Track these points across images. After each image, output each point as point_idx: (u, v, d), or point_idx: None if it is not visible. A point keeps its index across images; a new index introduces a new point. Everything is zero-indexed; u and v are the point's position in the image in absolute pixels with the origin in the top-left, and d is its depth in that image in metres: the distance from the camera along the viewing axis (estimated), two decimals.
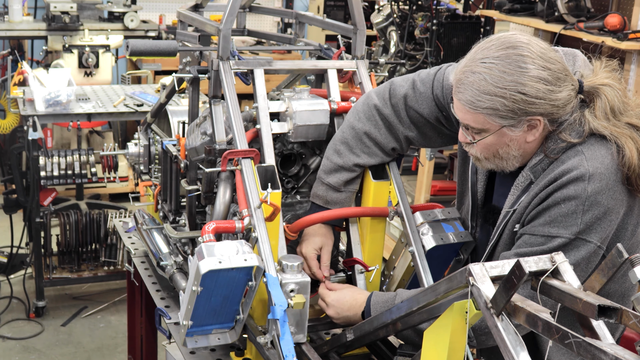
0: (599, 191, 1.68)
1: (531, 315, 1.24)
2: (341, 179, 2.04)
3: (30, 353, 4.09)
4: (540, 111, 1.66)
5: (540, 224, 1.73)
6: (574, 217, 1.68)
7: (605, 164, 1.70)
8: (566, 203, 1.69)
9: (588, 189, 1.67)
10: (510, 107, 1.65)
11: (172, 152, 2.33)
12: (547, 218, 1.71)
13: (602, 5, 4.28)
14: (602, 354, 1.12)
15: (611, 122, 1.72)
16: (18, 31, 5.23)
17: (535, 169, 1.77)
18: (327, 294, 2.01)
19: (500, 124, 1.69)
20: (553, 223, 1.70)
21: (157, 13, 6.56)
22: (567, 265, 1.31)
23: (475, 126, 1.73)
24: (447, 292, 1.45)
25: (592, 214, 1.68)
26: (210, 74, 2.09)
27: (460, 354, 1.44)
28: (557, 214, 1.70)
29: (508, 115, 1.66)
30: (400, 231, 2.15)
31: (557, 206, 1.70)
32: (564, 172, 1.70)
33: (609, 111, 1.72)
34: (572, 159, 1.71)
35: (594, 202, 1.68)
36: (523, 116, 1.67)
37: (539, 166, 1.76)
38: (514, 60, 1.64)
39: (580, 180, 1.68)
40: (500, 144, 1.74)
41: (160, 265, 2.26)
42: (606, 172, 1.69)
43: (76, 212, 4.45)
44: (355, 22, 2.23)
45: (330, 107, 2.11)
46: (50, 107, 4.08)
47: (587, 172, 1.68)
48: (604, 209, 1.69)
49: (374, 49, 4.77)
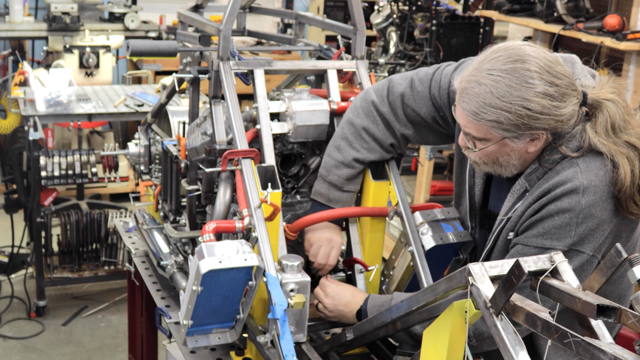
0: (592, 204, 1.67)
1: (530, 314, 1.25)
2: (342, 175, 2.05)
3: (31, 352, 4.09)
4: (544, 126, 1.66)
5: (534, 235, 1.72)
6: (568, 230, 1.68)
7: (600, 176, 1.69)
8: (560, 216, 1.68)
9: (582, 201, 1.67)
10: (514, 121, 1.64)
11: (173, 152, 2.33)
12: (540, 230, 1.71)
13: (601, 5, 4.28)
14: (601, 354, 1.12)
15: (611, 139, 1.71)
16: (19, 31, 5.23)
17: (530, 178, 1.77)
18: (328, 285, 2.04)
19: (502, 136, 1.69)
20: (546, 235, 1.70)
21: (158, 13, 6.56)
22: (566, 265, 1.31)
23: (477, 135, 1.73)
24: (446, 292, 1.45)
25: (585, 226, 1.68)
26: (211, 74, 2.10)
27: (460, 353, 1.44)
28: (550, 226, 1.69)
29: (512, 128, 1.66)
30: (400, 231, 2.15)
31: (551, 218, 1.69)
32: (558, 183, 1.70)
33: (609, 127, 1.71)
34: (566, 170, 1.71)
35: (587, 214, 1.67)
36: (526, 130, 1.67)
37: (533, 175, 1.76)
38: (521, 75, 1.63)
39: (575, 193, 1.67)
40: (501, 153, 1.75)
41: (161, 265, 2.26)
42: (600, 184, 1.68)
43: (77, 212, 4.46)
44: (355, 23, 2.23)
45: (330, 107, 2.11)
46: (51, 107, 4.09)
47: (582, 184, 1.67)
48: (597, 221, 1.68)
49: (373, 50, 4.78)
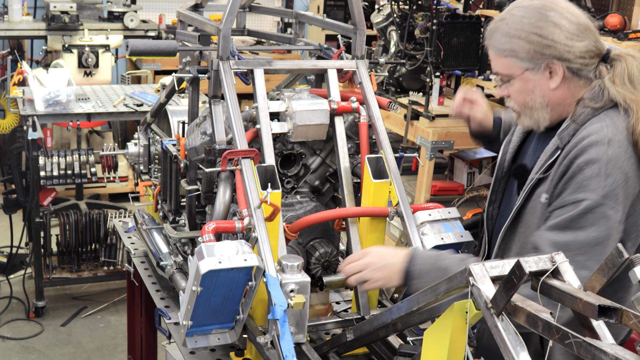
0: (619, 156, 1.76)
1: (531, 315, 1.24)
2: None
3: (30, 353, 4.08)
4: (555, 54, 1.82)
5: (568, 194, 1.80)
6: (598, 180, 1.75)
7: (625, 135, 1.78)
8: (589, 166, 1.76)
9: (609, 152, 1.76)
10: (527, 48, 1.82)
11: (172, 152, 2.33)
12: (574, 186, 1.79)
13: (603, 5, 4.28)
14: (602, 354, 1.12)
15: (627, 88, 1.81)
16: (18, 31, 5.23)
17: (562, 135, 1.86)
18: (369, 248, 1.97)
19: (522, 67, 1.85)
20: (579, 189, 1.77)
21: (157, 13, 6.56)
22: (567, 265, 1.31)
23: (503, 72, 1.90)
24: (447, 292, 1.45)
25: (614, 178, 1.75)
26: (210, 74, 2.09)
27: (460, 354, 1.44)
28: (582, 178, 1.77)
29: (527, 57, 1.84)
30: (400, 231, 2.15)
31: (581, 172, 1.77)
32: (584, 136, 1.79)
33: (626, 79, 1.82)
34: (593, 124, 1.80)
35: (615, 166, 1.75)
36: (540, 59, 1.83)
37: (565, 132, 1.85)
38: (536, 8, 1.84)
39: (601, 144, 1.76)
40: (526, 91, 1.89)
41: (160, 265, 2.26)
42: (625, 141, 1.78)
43: (76, 212, 4.45)
44: (355, 22, 2.23)
45: (330, 107, 2.11)
46: (50, 107, 4.08)
47: (607, 137, 1.76)
48: (624, 176, 1.76)
49: (374, 49, 4.77)
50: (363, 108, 2.14)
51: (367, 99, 2.16)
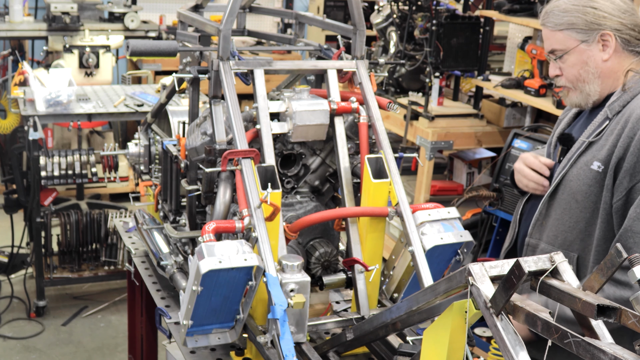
0: None
1: (530, 315, 1.24)
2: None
3: (31, 352, 4.09)
4: (609, 24, 2.01)
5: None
6: None
7: None
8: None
9: None
10: (584, 19, 2.01)
11: (173, 152, 2.33)
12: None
13: None
14: (601, 354, 1.12)
15: None
16: (19, 31, 5.23)
17: (612, 106, 2.02)
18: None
19: (577, 40, 2.03)
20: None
21: (158, 13, 6.56)
22: (566, 264, 1.31)
23: (558, 47, 2.07)
24: (446, 292, 1.45)
25: None
26: (211, 74, 2.09)
27: (460, 354, 1.44)
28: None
29: (583, 29, 2.02)
30: (400, 231, 2.15)
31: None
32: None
33: None
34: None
35: None
36: (596, 29, 2.01)
37: (615, 103, 2.01)
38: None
39: None
40: (580, 64, 2.05)
41: (161, 265, 2.26)
42: None
43: (77, 212, 4.46)
44: (355, 23, 2.23)
45: (330, 107, 2.11)
46: (51, 107, 4.09)
47: None
48: None
49: (373, 49, 4.78)
50: (363, 108, 2.14)
51: (366, 99, 2.16)
